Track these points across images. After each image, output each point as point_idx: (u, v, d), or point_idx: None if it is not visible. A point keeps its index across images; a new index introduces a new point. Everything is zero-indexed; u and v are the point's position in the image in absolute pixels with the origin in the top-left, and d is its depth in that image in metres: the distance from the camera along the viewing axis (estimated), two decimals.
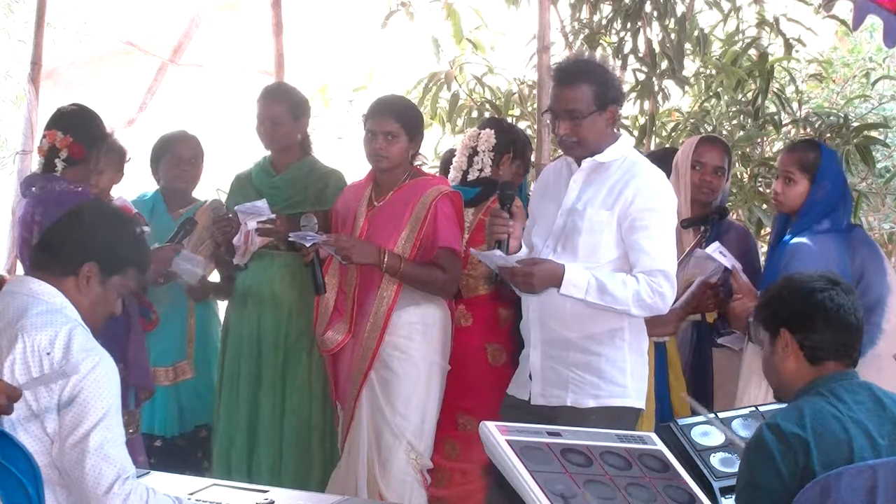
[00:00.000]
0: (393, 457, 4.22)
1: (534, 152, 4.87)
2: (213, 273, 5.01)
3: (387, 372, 4.25)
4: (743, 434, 3.30)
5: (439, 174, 4.79)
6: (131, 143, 4.78)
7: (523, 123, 5.98)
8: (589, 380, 3.65)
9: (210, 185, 5.12)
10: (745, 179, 5.90)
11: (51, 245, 2.96)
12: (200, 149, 5.02)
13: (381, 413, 4.24)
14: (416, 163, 4.46)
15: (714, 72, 5.88)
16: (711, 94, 5.95)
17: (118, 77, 6.82)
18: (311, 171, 4.67)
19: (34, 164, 5.71)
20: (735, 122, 6.02)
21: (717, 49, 6.04)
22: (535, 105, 4.81)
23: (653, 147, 5.76)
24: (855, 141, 5.67)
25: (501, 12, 6.31)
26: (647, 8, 5.72)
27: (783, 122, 5.97)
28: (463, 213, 4.34)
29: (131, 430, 4.39)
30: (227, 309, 4.84)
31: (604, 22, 5.90)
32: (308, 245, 4.15)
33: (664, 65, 5.76)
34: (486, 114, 6.07)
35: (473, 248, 3.89)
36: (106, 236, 2.96)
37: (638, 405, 3.72)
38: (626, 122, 5.94)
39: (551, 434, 2.82)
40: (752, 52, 6.02)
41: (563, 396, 3.68)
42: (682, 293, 4.33)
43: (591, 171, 3.71)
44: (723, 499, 3.11)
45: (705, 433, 3.31)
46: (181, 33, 6.73)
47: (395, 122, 4.23)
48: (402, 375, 4.23)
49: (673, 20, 5.73)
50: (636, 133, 5.89)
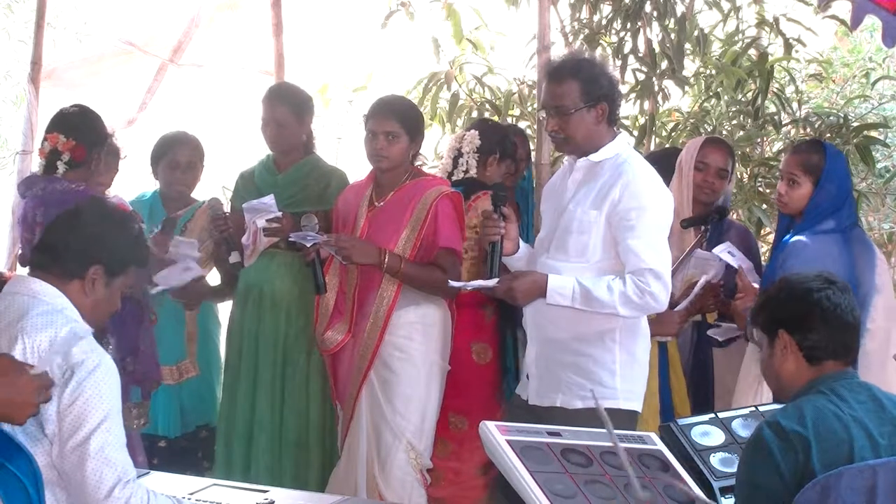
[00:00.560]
0: (393, 456, 4.22)
1: (534, 152, 4.88)
2: (214, 273, 5.01)
3: (387, 372, 4.25)
4: (743, 434, 3.30)
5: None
6: (131, 143, 4.78)
7: (523, 123, 5.98)
8: (577, 381, 3.65)
9: (210, 185, 5.11)
10: (745, 179, 5.90)
11: (52, 247, 2.95)
12: (200, 152, 4.98)
13: (381, 413, 4.24)
14: (417, 163, 4.46)
15: (714, 72, 5.87)
16: (711, 94, 5.95)
17: (118, 77, 6.81)
18: (313, 171, 4.67)
19: (34, 164, 5.72)
20: (735, 122, 6.02)
21: (717, 49, 6.04)
22: (535, 105, 4.82)
23: (653, 147, 5.76)
24: (855, 141, 5.67)
25: (501, 12, 6.31)
26: (647, 8, 5.72)
27: (783, 122, 5.97)
28: (464, 213, 4.34)
29: (142, 420, 4.40)
30: (231, 308, 4.84)
31: (604, 22, 5.89)
32: (308, 245, 4.16)
33: (664, 65, 5.76)
34: (486, 114, 6.08)
35: (451, 281, 3.92)
36: (109, 238, 2.96)
37: (629, 407, 3.68)
38: (627, 123, 5.94)
39: (551, 434, 2.82)
40: (752, 52, 6.02)
41: (555, 397, 3.69)
42: (683, 293, 4.34)
43: (587, 170, 3.71)
44: (723, 499, 3.11)
45: (705, 433, 3.31)
46: (181, 33, 6.72)
47: (396, 122, 4.23)
48: (402, 375, 4.24)
49: (673, 20, 5.72)
50: (636, 133, 5.89)
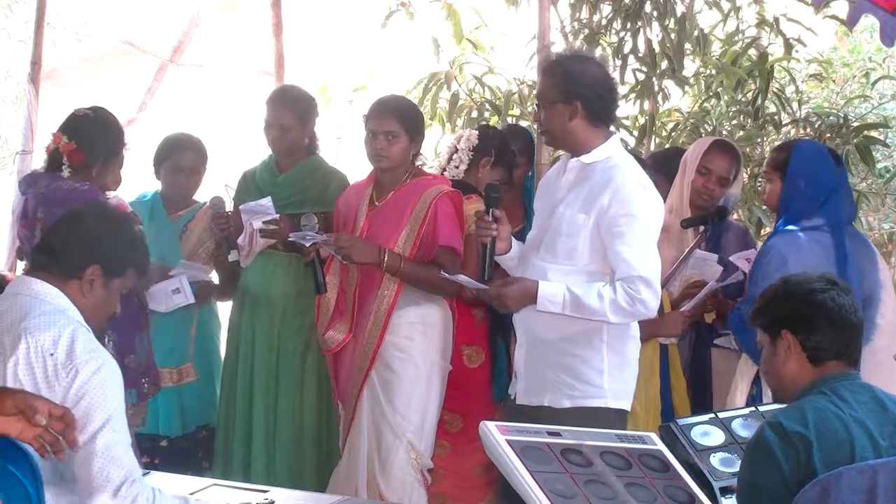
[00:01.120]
0: (393, 456, 4.22)
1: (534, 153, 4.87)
2: (214, 274, 5.02)
3: (387, 372, 4.25)
4: (743, 434, 3.30)
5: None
6: (131, 143, 4.76)
7: (523, 123, 5.98)
8: (565, 380, 3.64)
9: (211, 185, 5.10)
10: (745, 179, 5.90)
11: (52, 247, 2.96)
12: (203, 156, 4.96)
13: (382, 413, 4.24)
14: (417, 163, 4.46)
15: (714, 72, 5.87)
16: (711, 94, 5.95)
17: (118, 77, 6.81)
18: (314, 172, 4.67)
19: (34, 164, 5.71)
20: (735, 122, 6.02)
21: (717, 49, 6.04)
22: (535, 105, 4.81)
23: (653, 147, 5.76)
24: (855, 141, 5.67)
25: (501, 12, 6.30)
26: (647, 8, 5.71)
27: (783, 122, 5.97)
28: (463, 212, 4.34)
29: (138, 421, 4.40)
30: (230, 309, 4.84)
31: (604, 22, 5.89)
32: (308, 245, 4.16)
33: (664, 65, 5.75)
34: (486, 114, 6.08)
35: (444, 273, 3.92)
36: (108, 239, 2.96)
37: (618, 406, 3.66)
38: (627, 123, 5.94)
39: (551, 434, 2.82)
40: (752, 52, 6.02)
41: (542, 396, 3.68)
42: (682, 293, 4.34)
43: (578, 171, 3.69)
44: (723, 499, 3.11)
45: (705, 433, 3.31)
46: (181, 33, 6.72)
47: (396, 122, 4.23)
48: (403, 375, 4.24)
49: (673, 20, 5.72)
50: (636, 133, 5.89)
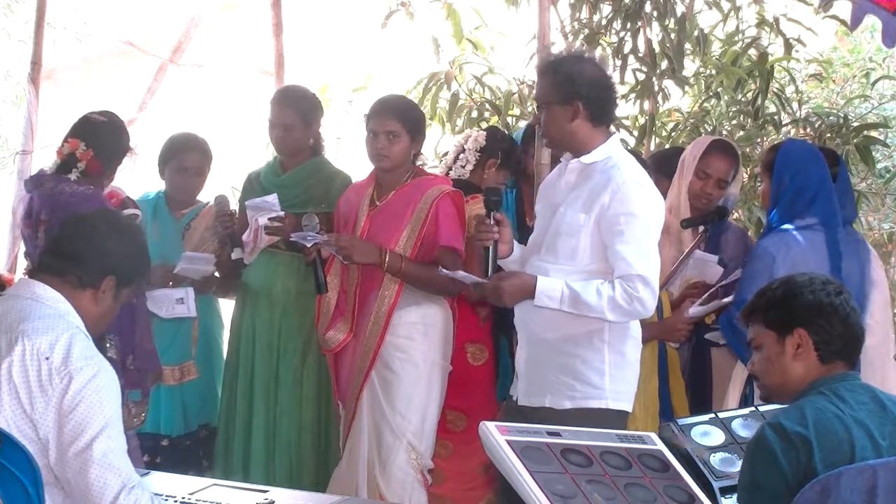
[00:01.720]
0: (393, 457, 4.22)
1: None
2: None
3: (388, 372, 4.25)
4: (743, 434, 3.30)
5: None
6: (137, 146, 4.76)
7: (524, 123, 5.98)
8: (565, 381, 3.63)
9: (214, 185, 5.11)
10: (745, 179, 5.90)
11: (68, 254, 2.94)
12: (208, 157, 4.97)
13: (382, 413, 4.24)
14: (418, 162, 4.46)
15: (714, 72, 5.87)
16: (711, 94, 5.95)
17: (118, 77, 6.83)
18: (317, 172, 4.67)
19: (34, 163, 5.72)
20: (735, 122, 6.02)
21: (717, 49, 6.04)
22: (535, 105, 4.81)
23: (653, 147, 5.76)
24: (855, 141, 5.67)
25: (501, 12, 6.30)
26: (647, 8, 5.71)
27: (783, 122, 5.97)
28: (465, 212, 4.34)
29: (141, 418, 4.40)
30: (233, 308, 4.85)
31: (604, 22, 5.89)
32: (309, 245, 4.16)
33: (664, 65, 5.75)
34: (486, 114, 6.08)
35: (442, 269, 3.90)
36: (123, 251, 2.97)
37: (619, 407, 3.65)
38: (627, 123, 5.94)
39: (551, 434, 2.82)
40: (752, 52, 6.02)
41: (543, 397, 3.67)
42: (682, 294, 4.34)
43: (579, 172, 3.68)
44: (723, 499, 3.11)
45: (705, 433, 3.31)
46: (181, 33, 6.74)
47: (397, 121, 4.23)
48: (403, 375, 4.23)
49: (673, 20, 5.72)
50: (636, 133, 5.89)
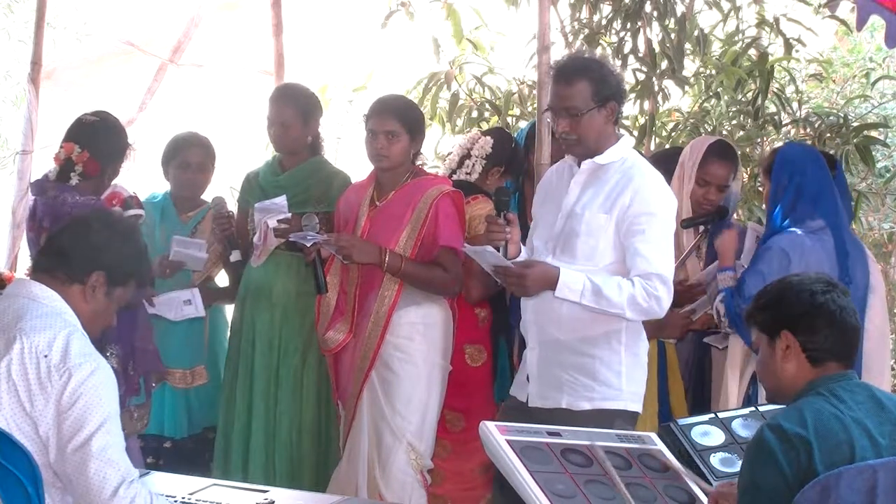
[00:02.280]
0: (393, 457, 4.22)
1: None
2: (221, 275, 5.03)
3: (387, 372, 4.25)
4: (743, 434, 3.30)
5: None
6: (136, 143, 4.76)
7: (524, 123, 5.98)
8: (583, 382, 3.63)
9: (214, 186, 5.11)
10: (745, 179, 5.90)
11: (58, 250, 2.96)
12: (211, 153, 4.97)
13: (382, 413, 4.24)
14: (418, 162, 4.46)
15: (714, 72, 5.87)
16: (711, 94, 5.95)
17: (118, 77, 6.82)
18: (316, 172, 4.67)
19: (34, 164, 5.72)
20: (735, 122, 6.02)
21: (717, 49, 6.04)
22: (535, 105, 4.81)
23: (653, 147, 5.76)
24: (855, 141, 5.67)
25: (501, 12, 6.30)
26: (647, 8, 5.71)
27: (783, 122, 5.97)
28: (464, 212, 4.34)
29: (144, 421, 4.40)
30: (233, 308, 4.85)
31: (604, 22, 5.89)
32: (309, 245, 4.15)
33: (664, 65, 5.75)
34: (486, 114, 6.07)
35: (467, 245, 3.84)
36: (114, 247, 2.96)
37: (633, 408, 3.68)
38: (626, 122, 5.94)
39: (551, 434, 2.83)
40: (752, 52, 6.02)
41: (559, 398, 3.66)
42: (681, 295, 4.34)
43: (591, 173, 3.70)
44: None
45: (705, 433, 3.31)
46: (181, 33, 6.73)
47: (396, 121, 4.23)
48: (403, 376, 4.23)
49: (673, 20, 5.72)
50: (636, 133, 5.89)
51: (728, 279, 4.15)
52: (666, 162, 4.62)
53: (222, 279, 5.06)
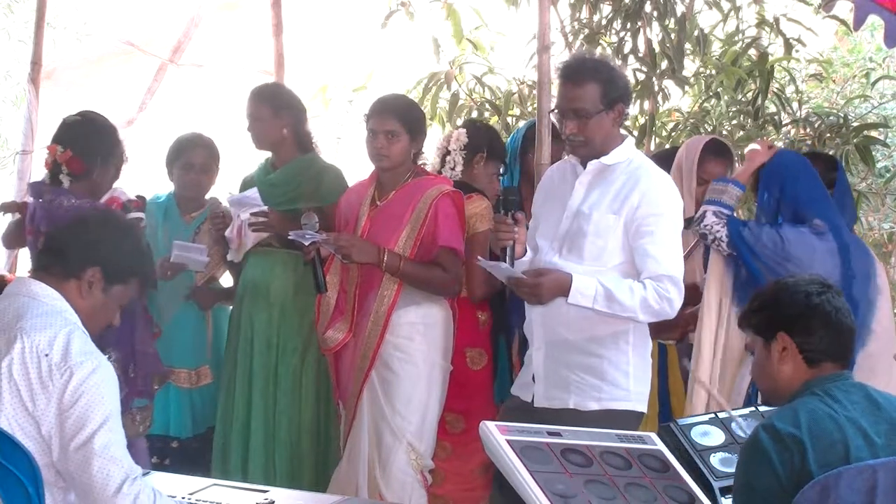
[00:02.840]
0: (393, 457, 4.22)
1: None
2: (226, 277, 5.03)
3: (387, 372, 4.25)
4: (743, 434, 3.30)
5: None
6: (131, 143, 4.76)
7: (524, 123, 5.98)
8: (591, 382, 3.64)
9: (220, 186, 5.12)
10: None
11: (55, 247, 2.97)
12: (215, 154, 4.98)
13: (382, 413, 4.24)
14: (420, 162, 4.45)
15: (714, 72, 5.88)
16: (711, 94, 5.95)
17: (118, 77, 6.82)
18: (308, 168, 4.66)
19: (34, 164, 5.72)
20: (735, 122, 6.02)
21: (717, 49, 6.04)
22: (535, 105, 4.81)
23: (653, 147, 5.76)
24: (855, 141, 5.67)
25: (501, 12, 6.31)
26: (647, 8, 5.72)
27: (783, 122, 5.97)
28: (464, 212, 4.34)
29: (147, 423, 4.39)
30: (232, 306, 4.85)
31: (604, 22, 5.90)
32: (307, 244, 4.15)
33: (664, 65, 5.76)
34: (486, 114, 6.08)
35: (480, 258, 3.84)
36: (112, 244, 2.97)
37: (640, 409, 3.69)
38: (627, 123, 5.94)
39: (551, 434, 2.82)
40: (752, 52, 6.02)
41: (566, 399, 3.66)
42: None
43: (597, 173, 3.70)
44: (723, 499, 3.11)
45: (705, 433, 3.31)
46: (181, 33, 6.73)
47: (396, 121, 4.23)
48: (403, 376, 4.23)
49: (673, 20, 5.73)
50: (636, 133, 5.89)
51: (725, 192, 4.12)
52: (666, 162, 4.63)
53: (226, 280, 5.07)
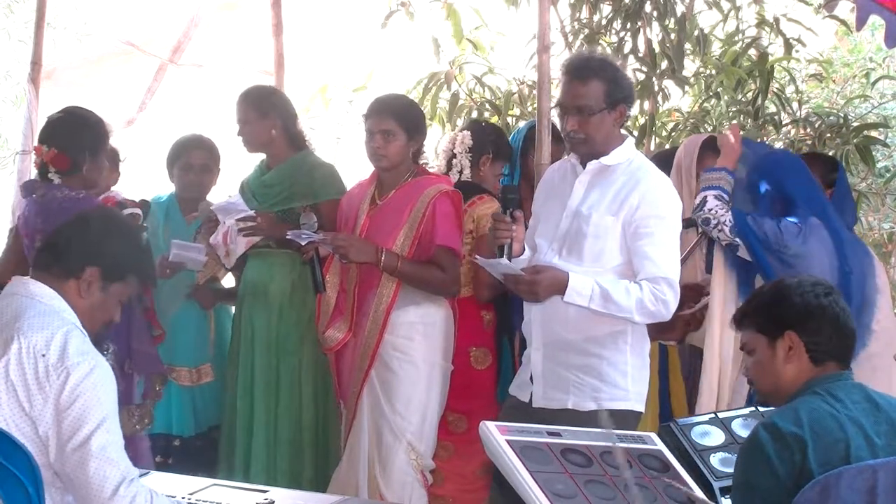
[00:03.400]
0: (393, 457, 4.22)
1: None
2: (228, 277, 5.03)
3: (387, 372, 4.25)
4: (743, 434, 3.30)
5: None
6: (131, 143, 4.77)
7: (524, 123, 5.97)
8: (589, 382, 3.64)
9: (220, 186, 5.13)
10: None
11: (54, 247, 2.97)
12: (215, 155, 4.98)
13: (382, 413, 4.24)
14: (420, 161, 4.43)
15: (714, 72, 5.88)
16: (711, 94, 5.95)
17: (118, 77, 6.81)
18: (300, 167, 4.65)
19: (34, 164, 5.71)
20: (735, 122, 6.02)
21: (717, 49, 6.04)
22: (535, 105, 4.82)
23: (653, 147, 5.76)
24: (855, 141, 5.68)
25: (501, 12, 6.31)
26: (647, 8, 5.72)
27: (783, 122, 5.97)
28: (462, 212, 4.33)
29: (146, 421, 4.39)
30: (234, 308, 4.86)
31: (604, 22, 5.90)
32: (304, 243, 4.15)
33: (664, 65, 5.76)
34: (486, 114, 6.07)
35: (479, 256, 3.84)
36: (110, 243, 2.96)
37: (638, 409, 3.70)
38: (627, 123, 5.93)
39: (551, 434, 2.82)
40: (752, 52, 6.02)
41: (565, 399, 3.66)
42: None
43: (597, 173, 3.70)
44: (723, 499, 3.11)
45: (705, 433, 3.31)
46: (181, 33, 6.72)
47: (393, 120, 4.23)
48: (402, 376, 4.23)
49: (673, 20, 5.73)
50: (636, 133, 5.89)
51: (721, 179, 4.09)
52: (666, 162, 4.62)
53: (228, 281, 5.07)
